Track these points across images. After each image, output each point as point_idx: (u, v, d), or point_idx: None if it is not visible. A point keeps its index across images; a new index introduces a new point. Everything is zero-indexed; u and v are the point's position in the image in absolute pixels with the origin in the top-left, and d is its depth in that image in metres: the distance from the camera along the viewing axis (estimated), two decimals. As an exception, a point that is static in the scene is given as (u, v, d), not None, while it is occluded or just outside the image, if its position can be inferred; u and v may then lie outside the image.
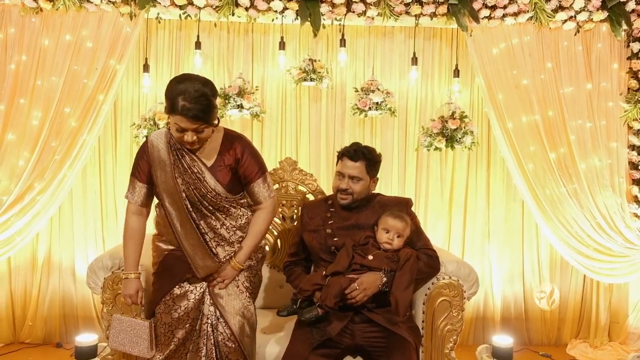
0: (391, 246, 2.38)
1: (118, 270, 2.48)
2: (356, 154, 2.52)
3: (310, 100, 3.82)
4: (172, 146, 2.17)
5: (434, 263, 2.48)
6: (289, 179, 3.18)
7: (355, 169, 2.50)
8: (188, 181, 2.15)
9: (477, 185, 3.90)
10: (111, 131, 3.79)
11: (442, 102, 3.78)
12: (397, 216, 2.43)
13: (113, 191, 3.80)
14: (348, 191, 2.52)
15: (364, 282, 2.29)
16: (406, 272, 2.31)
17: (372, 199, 2.64)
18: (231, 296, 2.28)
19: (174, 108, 2.00)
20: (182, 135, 2.06)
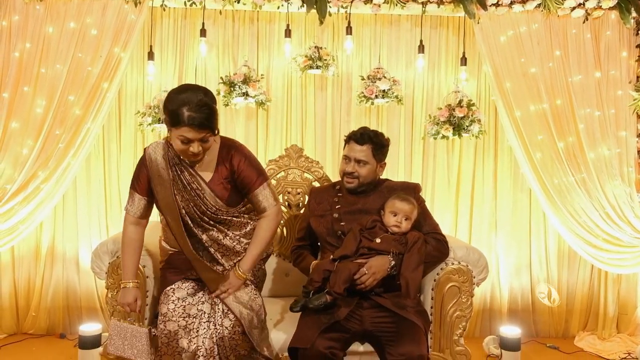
0: (399, 229, 2.36)
1: (121, 256, 2.44)
2: (362, 138, 2.51)
3: (315, 89, 3.76)
4: (171, 161, 2.14)
5: (443, 247, 2.45)
6: (295, 166, 3.15)
7: (362, 152, 2.49)
8: (187, 198, 2.15)
9: (484, 175, 3.84)
10: (115, 120, 3.75)
11: (449, 91, 3.74)
12: (404, 199, 2.41)
13: (117, 180, 3.76)
14: (354, 174, 2.51)
15: (373, 266, 2.26)
16: (414, 253, 2.30)
17: (380, 184, 2.62)
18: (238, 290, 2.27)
19: (179, 119, 1.97)
20: (187, 148, 2.02)
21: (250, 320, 2.22)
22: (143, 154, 2.21)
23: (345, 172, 2.54)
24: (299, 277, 2.75)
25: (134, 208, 2.23)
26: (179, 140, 2.01)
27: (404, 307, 2.28)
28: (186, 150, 2.03)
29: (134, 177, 2.23)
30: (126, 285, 2.20)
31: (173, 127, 2.00)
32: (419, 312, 2.34)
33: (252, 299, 2.27)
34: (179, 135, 2.00)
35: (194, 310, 2.20)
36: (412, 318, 2.26)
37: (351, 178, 2.53)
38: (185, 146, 2.02)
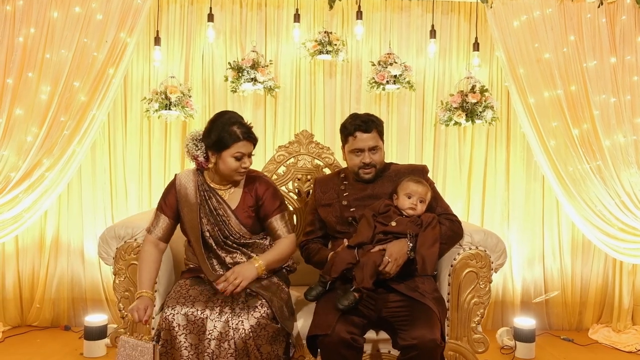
0: (415, 211, 2.31)
1: (131, 239, 2.38)
2: (368, 125, 2.43)
3: (325, 75, 3.71)
4: (200, 187, 2.25)
5: (457, 227, 2.38)
6: (305, 152, 3.07)
7: (372, 139, 2.43)
8: (213, 222, 2.23)
9: (496, 163, 3.79)
10: (121, 107, 3.68)
11: (461, 78, 3.67)
12: (418, 181, 2.37)
13: (123, 169, 3.70)
14: (372, 164, 2.44)
15: (393, 252, 2.19)
16: (429, 231, 2.25)
17: (387, 168, 2.55)
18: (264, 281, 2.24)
19: (235, 137, 2.14)
20: (239, 165, 2.17)
21: (280, 308, 2.16)
22: (173, 179, 2.31)
23: (363, 165, 2.44)
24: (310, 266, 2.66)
25: (157, 229, 2.27)
26: (234, 157, 2.15)
27: (420, 292, 2.20)
28: (239, 167, 2.18)
29: (161, 199, 2.31)
30: (141, 295, 2.12)
31: (226, 149, 2.14)
32: (436, 298, 2.27)
33: (279, 289, 2.27)
34: (234, 153, 2.15)
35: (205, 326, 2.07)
36: (427, 302, 2.18)
37: (369, 169, 2.46)
38: (238, 163, 2.17)
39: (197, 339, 2.02)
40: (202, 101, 3.69)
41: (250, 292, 2.16)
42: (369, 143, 2.42)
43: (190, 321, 2.05)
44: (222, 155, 2.17)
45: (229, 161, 2.17)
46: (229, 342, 2.00)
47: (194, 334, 2.04)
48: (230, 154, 2.15)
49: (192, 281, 2.26)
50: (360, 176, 2.48)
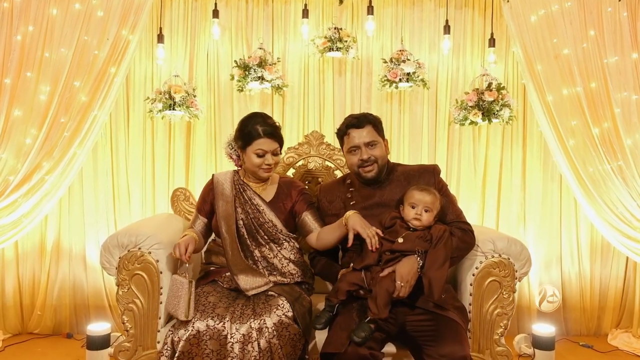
0: (420, 222, 2.15)
1: (135, 248, 2.26)
2: (360, 121, 2.31)
3: (334, 73, 3.59)
4: (236, 183, 2.39)
5: (469, 238, 2.24)
6: (315, 154, 2.95)
7: (367, 134, 2.30)
8: (247, 211, 2.33)
9: (512, 163, 3.65)
10: (123, 108, 3.56)
11: (475, 75, 3.55)
12: (423, 189, 2.20)
13: (125, 171, 3.59)
14: (371, 159, 2.30)
15: (403, 274, 2.04)
16: (440, 249, 2.08)
17: (394, 170, 2.40)
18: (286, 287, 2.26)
19: (255, 135, 2.27)
20: (262, 161, 2.29)
21: (302, 313, 2.13)
22: (211, 178, 2.46)
23: (360, 162, 2.30)
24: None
25: (196, 226, 2.46)
26: (255, 154, 2.28)
27: (441, 304, 2.07)
28: (261, 163, 2.29)
29: (199, 201, 2.48)
30: (185, 234, 2.30)
31: (249, 145, 2.28)
32: (458, 308, 2.14)
33: (302, 297, 2.24)
34: (255, 149, 2.28)
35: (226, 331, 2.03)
36: (451, 315, 2.05)
37: (369, 165, 2.31)
38: (260, 159, 2.29)
39: (218, 345, 1.97)
40: (207, 101, 3.57)
41: (272, 293, 2.15)
42: (364, 138, 2.28)
43: (210, 327, 1.99)
44: (247, 151, 2.30)
45: (252, 157, 2.29)
46: (252, 345, 1.96)
47: (215, 340, 1.98)
48: (252, 150, 2.28)
49: (210, 287, 2.23)
50: (362, 176, 2.33)
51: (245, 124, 2.33)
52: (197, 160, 3.58)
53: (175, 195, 2.92)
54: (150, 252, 2.26)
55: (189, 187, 3.56)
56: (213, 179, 2.44)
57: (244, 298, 2.17)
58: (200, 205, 2.45)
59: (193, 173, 3.57)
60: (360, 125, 2.32)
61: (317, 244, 2.35)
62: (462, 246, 2.21)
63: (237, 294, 2.22)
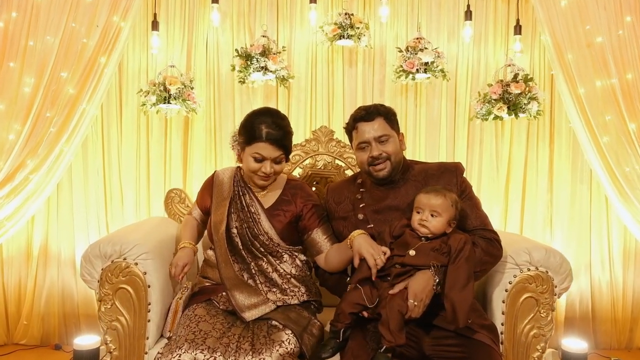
0: (427, 229, 1.85)
1: (119, 258, 1.99)
2: (369, 113, 2.04)
3: (344, 64, 3.31)
4: (236, 182, 2.14)
5: (495, 249, 1.94)
6: (324, 151, 2.68)
7: (378, 127, 2.02)
8: (242, 218, 2.07)
9: (537, 163, 3.35)
10: (116, 101, 3.30)
11: (499, 66, 3.26)
12: (430, 190, 1.91)
13: (118, 169, 3.32)
14: (382, 156, 2.02)
15: (417, 292, 1.76)
16: (461, 265, 1.77)
17: (410, 169, 2.12)
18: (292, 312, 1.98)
19: (257, 135, 1.97)
20: (259, 167, 2.00)
21: (311, 346, 1.86)
22: (212, 175, 2.25)
23: (370, 160, 2.02)
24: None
25: (194, 214, 2.32)
26: (252, 158, 1.99)
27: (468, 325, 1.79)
28: (257, 170, 2.01)
29: (198, 194, 2.31)
30: (184, 246, 2.11)
31: (248, 145, 2.00)
32: (487, 327, 1.85)
33: (311, 324, 1.96)
34: (253, 152, 1.98)
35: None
36: (482, 339, 1.77)
37: (381, 163, 2.03)
38: (257, 165, 2.00)
39: None
40: (206, 94, 3.31)
41: (276, 323, 1.85)
42: (375, 133, 2.01)
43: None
44: (245, 151, 2.04)
45: (249, 160, 2.02)
46: None
47: None
48: (250, 152, 2.00)
49: (204, 309, 1.92)
50: (374, 175, 2.06)
51: (251, 119, 2.05)
52: (195, 158, 3.32)
53: (169, 197, 2.65)
54: (137, 263, 2.00)
55: (186, 188, 3.31)
56: (214, 177, 2.22)
57: (241, 326, 1.89)
58: (200, 200, 2.27)
59: (191, 173, 3.32)
60: (369, 117, 2.04)
61: (327, 267, 2.10)
62: (486, 259, 1.92)
63: (234, 320, 1.93)
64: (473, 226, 1.99)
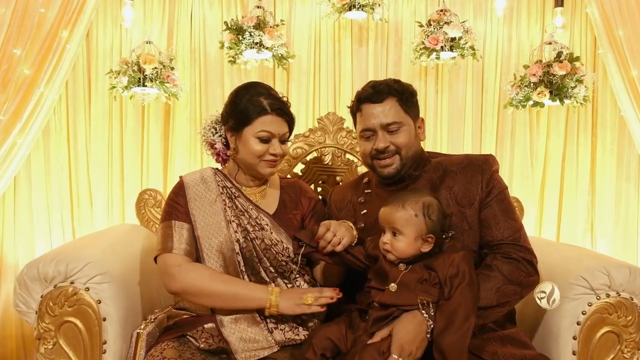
0: (392, 254, 1.38)
1: (65, 282, 1.51)
2: (378, 92, 1.56)
3: (353, 42, 2.89)
4: (220, 184, 1.66)
5: (522, 274, 1.44)
6: (332, 143, 2.21)
7: (389, 112, 1.55)
8: (246, 227, 1.60)
9: (578, 158, 2.95)
10: (83, 85, 2.85)
11: (534, 45, 2.82)
12: (391, 201, 1.42)
13: (86, 165, 2.88)
14: (390, 149, 1.55)
15: (403, 345, 1.27)
16: (455, 299, 1.30)
17: (425, 163, 1.64)
18: None
19: (259, 109, 1.58)
20: (266, 149, 1.59)
21: None
22: (179, 180, 1.70)
23: (374, 153, 1.57)
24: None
25: (181, 243, 1.56)
26: (258, 138, 1.59)
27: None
28: (264, 152, 1.59)
29: (168, 206, 1.64)
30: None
31: (247, 125, 1.59)
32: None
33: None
34: (258, 131, 1.58)
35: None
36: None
37: (388, 158, 1.56)
38: (264, 147, 1.59)
39: None
40: (190, 76, 2.87)
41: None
42: (382, 118, 1.54)
43: None
44: (243, 134, 1.59)
45: (252, 143, 1.58)
46: None
47: None
48: (252, 132, 1.58)
49: (175, 350, 1.46)
50: (377, 171, 1.60)
51: (240, 95, 1.63)
52: (178, 153, 2.88)
53: (142, 199, 2.17)
54: (88, 289, 1.52)
55: (168, 187, 2.86)
56: (183, 180, 1.69)
57: None
58: (172, 211, 1.61)
59: (172, 170, 2.87)
60: (378, 98, 1.56)
61: (323, 280, 1.68)
62: (508, 290, 1.42)
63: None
64: (498, 239, 1.49)
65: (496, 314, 1.42)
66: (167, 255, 1.52)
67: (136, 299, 1.69)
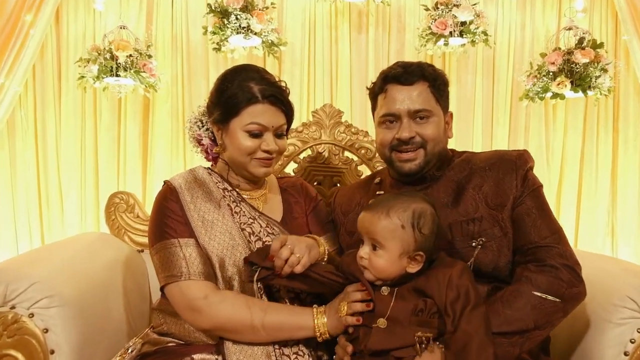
0: (369, 272, 1.11)
1: (4, 307, 1.27)
2: (409, 73, 1.32)
3: (352, 29, 2.76)
4: (218, 185, 1.42)
5: (564, 287, 1.17)
6: (329, 139, 1.96)
7: (419, 97, 1.31)
8: (259, 236, 1.37)
9: (597, 156, 2.84)
10: (53, 76, 2.75)
11: (550, 32, 2.65)
12: (370, 206, 1.16)
13: (56, 165, 2.78)
14: (416, 141, 1.30)
15: None
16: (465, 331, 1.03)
17: (448, 161, 1.39)
18: None
19: (247, 97, 1.33)
20: (257, 145, 1.35)
21: None
22: (164, 187, 1.42)
23: (395, 143, 1.32)
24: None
25: (196, 265, 1.28)
26: (246, 133, 1.34)
27: None
28: (256, 149, 1.35)
29: (158, 220, 1.35)
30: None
31: (235, 117, 1.34)
32: None
33: None
34: (247, 124, 1.33)
35: None
36: None
37: (411, 151, 1.30)
38: (254, 142, 1.34)
39: None
40: (171, 67, 2.72)
41: None
42: (411, 103, 1.30)
43: None
44: (230, 127, 1.34)
45: (240, 138, 1.33)
46: None
47: None
48: (241, 125, 1.33)
49: None
50: (396, 166, 1.33)
51: (227, 80, 1.38)
52: (158, 151, 2.74)
53: (112, 204, 1.90)
54: (32, 315, 1.27)
55: (147, 189, 2.73)
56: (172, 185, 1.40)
57: None
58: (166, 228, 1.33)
59: (152, 170, 2.73)
60: (408, 79, 1.30)
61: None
62: (547, 306, 1.16)
63: None
64: (532, 241, 1.24)
65: (536, 339, 1.17)
66: (184, 284, 1.23)
67: (96, 325, 1.42)
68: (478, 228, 1.22)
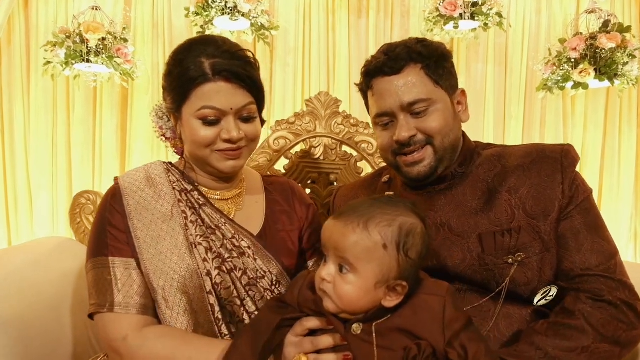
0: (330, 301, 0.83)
1: None
2: (393, 59, 1.09)
3: (350, 14, 2.61)
4: (175, 186, 1.19)
5: (619, 327, 0.94)
6: (324, 132, 1.75)
7: (410, 85, 1.09)
8: (219, 252, 1.12)
9: (620, 153, 2.70)
10: (21, 64, 2.59)
11: (568, 18, 2.45)
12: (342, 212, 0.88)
13: (25, 162, 2.63)
14: (417, 139, 1.06)
15: None
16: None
17: (471, 155, 1.16)
18: None
19: (196, 75, 1.06)
20: (216, 134, 1.09)
21: None
22: (112, 187, 1.19)
23: (396, 147, 1.11)
24: None
25: (129, 293, 1.07)
26: (199, 120, 1.09)
27: None
28: (213, 140, 1.10)
29: (96, 230, 1.14)
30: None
31: (186, 101, 1.08)
32: None
33: None
34: (198, 108, 1.07)
35: None
36: None
37: (416, 152, 1.07)
38: (211, 131, 1.09)
39: None
40: (152, 53, 2.55)
41: None
42: (402, 96, 1.09)
43: None
44: (183, 115, 1.10)
45: (193, 127, 1.09)
46: None
47: None
48: (191, 112, 1.08)
49: None
50: (403, 172, 1.10)
51: (178, 58, 1.12)
52: (137, 146, 2.61)
53: (77, 205, 1.68)
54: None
55: None
56: (119, 184, 1.19)
57: None
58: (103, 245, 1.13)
59: (130, 168, 2.40)
60: (393, 66, 1.06)
61: None
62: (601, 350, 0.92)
63: None
64: (581, 267, 1.00)
65: None
66: (107, 317, 1.02)
67: (46, 347, 1.21)
68: (515, 241, 0.98)
